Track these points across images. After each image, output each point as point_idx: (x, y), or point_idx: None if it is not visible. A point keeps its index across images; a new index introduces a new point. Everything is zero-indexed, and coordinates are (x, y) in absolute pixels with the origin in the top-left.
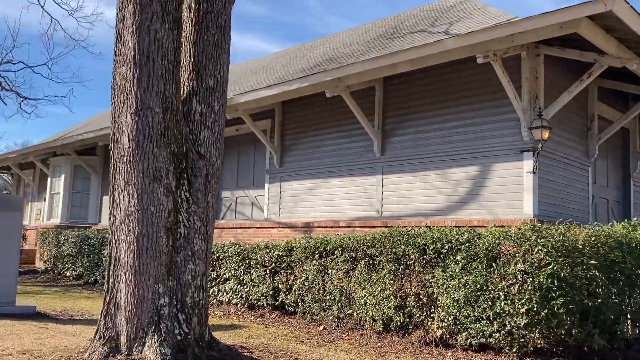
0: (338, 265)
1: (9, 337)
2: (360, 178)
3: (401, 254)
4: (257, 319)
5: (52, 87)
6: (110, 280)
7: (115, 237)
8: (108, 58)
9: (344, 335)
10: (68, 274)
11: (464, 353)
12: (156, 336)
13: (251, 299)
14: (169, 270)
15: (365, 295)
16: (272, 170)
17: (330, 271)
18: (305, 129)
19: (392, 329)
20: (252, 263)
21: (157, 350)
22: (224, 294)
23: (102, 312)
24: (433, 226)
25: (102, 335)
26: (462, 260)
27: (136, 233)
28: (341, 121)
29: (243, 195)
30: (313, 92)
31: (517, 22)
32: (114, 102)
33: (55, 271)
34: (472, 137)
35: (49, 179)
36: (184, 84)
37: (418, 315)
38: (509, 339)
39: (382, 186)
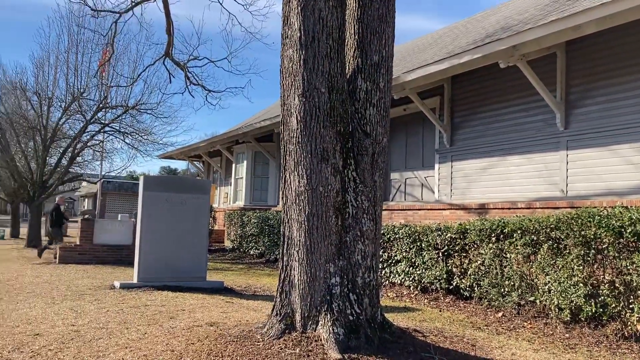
0: (517, 249)
1: (199, 309)
2: (541, 155)
3: (591, 237)
4: (431, 302)
5: (232, 79)
6: (284, 258)
7: (288, 216)
8: (279, 49)
9: (525, 324)
10: (251, 252)
11: None
12: (329, 315)
13: (424, 282)
14: (339, 250)
15: (549, 281)
16: (442, 149)
17: (508, 255)
18: (476, 105)
19: (582, 319)
20: (423, 245)
21: (330, 329)
22: (396, 275)
23: (277, 289)
24: (630, 206)
25: (278, 312)
26: None
27: (306, 212)
28: (517, 94)
29: (412, 176)
30: (485, 64)
31: None
32: (283, 85)
33: (241, 249)
34: None
35: (233, 165)
36: (349, 61)
37: (613, 305)
38: None
39: (567, 163)
